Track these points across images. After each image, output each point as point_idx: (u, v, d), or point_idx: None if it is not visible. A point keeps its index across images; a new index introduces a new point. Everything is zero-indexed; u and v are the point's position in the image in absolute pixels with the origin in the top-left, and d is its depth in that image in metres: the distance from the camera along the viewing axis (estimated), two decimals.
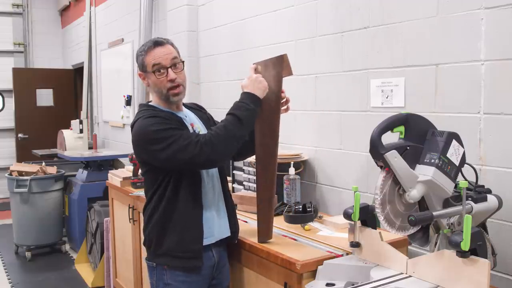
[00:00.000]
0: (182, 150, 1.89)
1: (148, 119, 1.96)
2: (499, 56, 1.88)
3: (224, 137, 1.92)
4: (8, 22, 8.76)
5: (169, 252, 2.01)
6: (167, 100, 2.07)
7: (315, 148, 2.85)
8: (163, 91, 2.05)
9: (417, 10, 2.18)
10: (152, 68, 2.03)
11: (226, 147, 1.94)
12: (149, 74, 2.05)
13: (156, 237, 2.04)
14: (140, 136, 1.98)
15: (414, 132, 1.68)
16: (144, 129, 1.95)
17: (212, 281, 2.13)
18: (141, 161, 2.09)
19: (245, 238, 2.17)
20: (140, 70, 2.10)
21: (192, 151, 1.88)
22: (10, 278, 4.69)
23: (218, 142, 1.90)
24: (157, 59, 2.03)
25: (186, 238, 2.00)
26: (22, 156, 7.38)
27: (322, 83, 2.77)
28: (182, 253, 2.00)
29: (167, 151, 1.90)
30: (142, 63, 2.07)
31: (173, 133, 1.92)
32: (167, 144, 1.89)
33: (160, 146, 1.91)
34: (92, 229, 4.65)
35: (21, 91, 7.98)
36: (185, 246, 2.00)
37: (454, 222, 1.60)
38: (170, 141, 1.89)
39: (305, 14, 2.86)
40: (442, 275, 1.51)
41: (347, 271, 1.77)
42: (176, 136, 1.90)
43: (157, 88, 2.06)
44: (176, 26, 4.15)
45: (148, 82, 2.08)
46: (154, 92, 2.11)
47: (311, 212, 2.35)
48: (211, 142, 1.89)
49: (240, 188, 2.94)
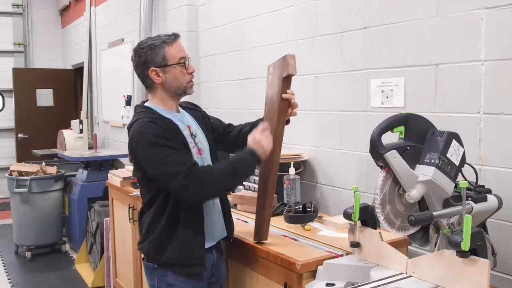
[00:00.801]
0: (170, 177, 1.83)
1: (149, 124, 1.88)
2: (499, 56, 1.88)
3: (216, 183, 1.89)
4: (8, 22, 8.76)
5: (170, 260, 1.97)
6: (183, 93, 2.02)
7: (315, 148, 2.85)
8: (183, 84, 1.99)
9: (417, 10, 2.18)
10: (179, 61, 1.96)
11: (214, 193, 1.96)
12: (169, 68, 1.95)
13: (157, 249, 1.98)
14: (139, 139, 1.89)
15: (414, 132, 1.68)
16: (143, 134, 1.87)
17: (212, 278, 2.12)
18: (135, 167, 2.02)
19: (245, 238, 2.17)
20: (155, 65, 1.94)
21: (178, 182, 1.81)
22: (10, 278, 4.69)
23: (209, 185, 1.86)
24: (183, 51, 1.98)
25: (188, 247, 1.96)
26: (22, 156, 7.38)
27: (322, 83, 2.77)
28: (184, 261, 1.96)
29: (156, 171, 1.87)
30: (163, 55, 1.93)
31: (168, 153, 1.84)
32: (159, 163, 1.85)
33: (150, 165, 1.88)
34: (92, 229, 4.65)
35: (21, 91, 7.98)
36: (188, 254, 1.96)
37: (454, 222, 1.60)
38: (161, 161, 1.84)
39: (305, 14, 2.86)
40: (442, 275, 1.51)
41: (347, 271, 1.77)
42: (169, 158, 1.84)
43: (177, 82, 1.98)
44: (176, 26, 4.14)
45: (165, 78, 1.96)
46: (166, 89, 1.99)
47: (311, 212, 2.35)
48: (202, 181, 1.84)
49: (240, 188, 2.94)
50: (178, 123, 2.00)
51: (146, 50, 1.95)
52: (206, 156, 2.08)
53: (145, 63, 1.96)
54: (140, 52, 1.97)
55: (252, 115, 2.22)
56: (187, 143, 1.97)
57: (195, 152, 2.01)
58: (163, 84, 1.98)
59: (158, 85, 1.99)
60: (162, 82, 1.98)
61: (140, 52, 1.97)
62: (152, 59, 1.94)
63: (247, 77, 3.46)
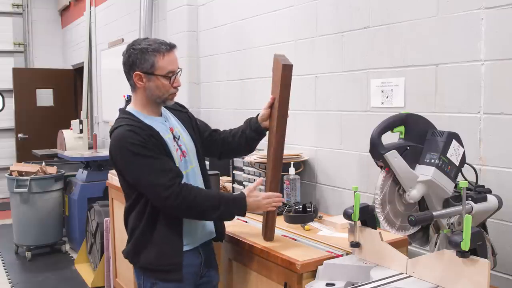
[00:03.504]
0: (151, 187, 1.86)
1: (129, 133, 1.86)
2: (499, 56, 1.88)
3: (196, 207, 1.89)
4: (8, 22, 8.77)
5: (147, 265, 1.98)
6: (162, 103, 2.00)
7: (315, 148, 2.85)
8: (164, 96, 1.97)
9: (417, 10, 2.18)
10: (167, 74, 1.93)
11: (191, 214, 1.94)
12: (154, 77, 1.93)
13: (134, 251, 2.00)
14: (120, 147, 1.89)
15: (414, 132, 1.68)
16: (124, 142, 1.87)
17: (201, 279, 2.10)
18: (116, 169, 2.01)
19: (245, 238, 2.17)
20: (141, 70, 1.92)
21: (158, 192, 1.84)
22: (10, 278, 4.69)
23: (189, 205, 1.87)
24: (174, 64, 1.95)
25: (165, 252, 1.95)
26: (22, 156, 7.38)
27: (322, 83, 2.77)
28: (160, 267, 1.96)
29: (136, 180, 1.88)
30: (152, 63, 1.91)
31: (148, 162, 1.85)
32: (140, 173, 1.86)
33: (131, 170, 1.88)
34: (92, 229, 4.64)
35: (21, 91, 7.99)
36: (164, 260, 1.96)
37: (454, 222, 1.60)
38: (142, 170, 1.85)
39: (305, 14, 2.86)
40: (442, 275, 1.51)
41: (347, 271, 1.77)
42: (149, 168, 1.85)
43: (158, 93, 1.95)
44: (176, 26, 4.15)
45: (148, 85, 1.94)
46: (146, 96, 1.97)
47: (311, 212, 2.35)
48: (182, 199, 1.85)
49: (240, 188, 2.94)
50: (159, 127, 1.97)
51: (137, 52, 1.93)
52: (191, 158, 2.06)
53: (133, 64, 1.94)
54: (131, 52, 1.95)
55: (252, 115, 2.21)
56: (170, 149, 1.95)
57: (179, 155, 1.99)
58: (144, 90, 1.97)
59: (139, 90, 1.98)
60: (143, 88, 1.96)
61: (131, 52, 1.95)
62: (140, 63, 1.92)
63: (247, 77, 3.46)
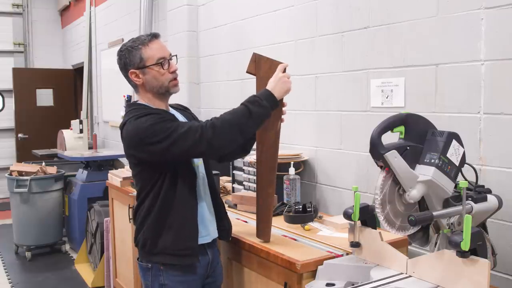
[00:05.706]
0: (182, 137, 1.81)
1: (140, 119, 1.87)
2: (499, 56, 1.88)
3: (229, 123, 1.83)
4: (8, 22, 8.77)
5: (165, 250, 1.97)
6: (166, 93, 2.02)
7: (315, 148, 2.85)
8: (165, 84, 1.99)
9: (417, 10, 2.18)
10: (157, 61, 1.95)
11: (229, 134, 1.85)
12: (148, 69, 1.96)
13: (151, 237, 1.99)
14: (133, 136, 1.89)
15: (414, 132, 1.68)
16: (137, 129, 1.87)
17: (207, 279, 2.11)
18: (134, 161, 2.02)
19: (245, 238, 2.17)
20: (134, 67, 1.96)
21: (192, 136, 1.80)
22: (10, 278, 4.69)
23: (221, 126, 1.83)
24: (162, 51, 1.98)
25: (182, 236, 1.96)
26: (22, 156, 7.38)
27: (322, 83, 2.77)
28: (178, 251, 1.96)
29: (166, 141, 1.82)
30: (140, 57, 1.95)
31: (170, 124, 1.84)
32: (166, 135, 1.82)
33: (157, 138, 1.83)
34: (92, 229, 4.65)
35: (21, 91, 7.99)
36: (182, 244, 1.96)
37: (454, 222, 1.60)
38: (168, 132, 1.82)
39: (305, 14, 2.86)
40: (442, 275, 1.51)
41: (347, 271, 1.77)
42: (173, 126, 1.84)
43: (157, 83, 1.97)
44: (176, 26, 4.15)
45: (145, 79, 1.97)
46: (148, 90, 2.00)
47: (311, 212, 2.35)
48: (213, 124, 1.82)
49: (240, 188, 2.94)
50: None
51: (124, 52, 1.98)
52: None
53: (125, 65, 1.99)
54: (121, 55, 2.00)
55: None
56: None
57: None
58: (144, 85, 2.00)
59: (140, 86, 2.01)
60: (143, 83, 1.99)
61: (121, 55, 2.00)
62: (130, 61, 1.97)
63: (247, 77, 3.44)
